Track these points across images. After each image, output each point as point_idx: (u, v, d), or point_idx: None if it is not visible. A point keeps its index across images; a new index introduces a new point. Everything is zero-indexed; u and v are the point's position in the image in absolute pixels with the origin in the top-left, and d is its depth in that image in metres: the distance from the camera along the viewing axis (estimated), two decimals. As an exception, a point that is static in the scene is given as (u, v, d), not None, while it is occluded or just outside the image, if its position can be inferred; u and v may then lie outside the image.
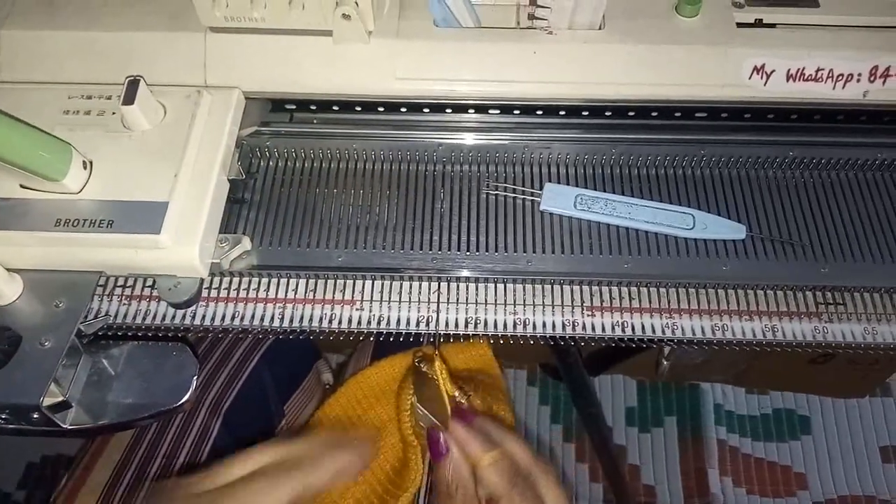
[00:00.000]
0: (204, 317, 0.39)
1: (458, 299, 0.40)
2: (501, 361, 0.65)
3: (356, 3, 0.39)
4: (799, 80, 0.43)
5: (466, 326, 0.40)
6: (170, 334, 0.40)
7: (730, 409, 1.20)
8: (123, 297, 0.40)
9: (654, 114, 0.45)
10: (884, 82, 0.43)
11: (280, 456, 0.37)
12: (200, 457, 0.52)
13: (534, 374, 1.24)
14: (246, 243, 0.40)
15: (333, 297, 0.40)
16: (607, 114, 0.45)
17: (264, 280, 0.41)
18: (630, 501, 1.09)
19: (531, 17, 0.43)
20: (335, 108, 0.45)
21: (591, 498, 1.13)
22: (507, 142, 0.44)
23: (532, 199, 0.42)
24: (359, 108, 0.45)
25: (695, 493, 1.12)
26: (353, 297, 0.40)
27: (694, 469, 1.14)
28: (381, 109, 0.45)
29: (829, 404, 1.19)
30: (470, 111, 0.44)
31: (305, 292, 0.40)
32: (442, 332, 0.39)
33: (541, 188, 0.42)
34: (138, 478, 0.51)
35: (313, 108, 0.46)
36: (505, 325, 0.40)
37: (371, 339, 0.41)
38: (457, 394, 0.44)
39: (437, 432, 0.41)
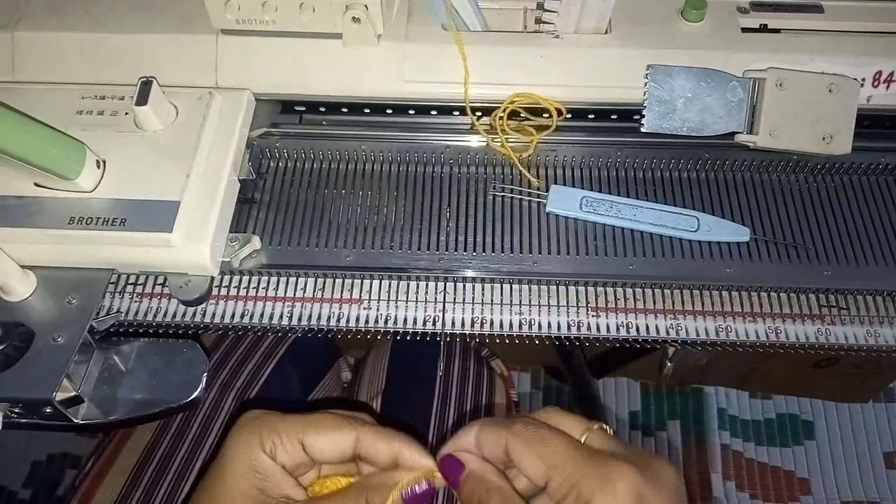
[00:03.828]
0: (214, 314, 0.40)
1: (464, 299, 0.41)
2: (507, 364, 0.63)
3: (366, 6, 0.40)
4: (803, 84, 0.43)
5: (472, 326, 0.40)
6: (180, 332, 0.40)
7: (733, 413, 1.20)
8: (135, 295, 0.40)
9: (660, 117, 0.45)
10: (887, 87, 0.43)
11: None
12: None
13: (538, 378, 1.24)
14: (256, 242, 0.40)
15: (341, 297, 0.41)
16: (613, 117, 0.46)
17: (273, 279, 0.41)
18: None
19: (538, 20, 0.43)
20: (344, 109, 0.46)
21: (593, 501, 1.13)
22: (513, 144, 0.44)
23: (538, 201, 0.43)
24: (367, 110, 0.46)
25: (698, 498, 1.12)
26: (360, 296, 0.41)
27: (697, 473, 1.14)
28: (389, 111, 0.46)
29: (832, 409, 1.19)
30: (477, 113, 0.44)
31: (314, 291, 0.41)
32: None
33: (547, 190, 0.43)
34: (166, 461, 0.51)
35: (322, 109, 0.46)
36: (510, 325, 0.40)
37: (388, 338, 0.40)
38: None
39: (447, 458, 0.32)
